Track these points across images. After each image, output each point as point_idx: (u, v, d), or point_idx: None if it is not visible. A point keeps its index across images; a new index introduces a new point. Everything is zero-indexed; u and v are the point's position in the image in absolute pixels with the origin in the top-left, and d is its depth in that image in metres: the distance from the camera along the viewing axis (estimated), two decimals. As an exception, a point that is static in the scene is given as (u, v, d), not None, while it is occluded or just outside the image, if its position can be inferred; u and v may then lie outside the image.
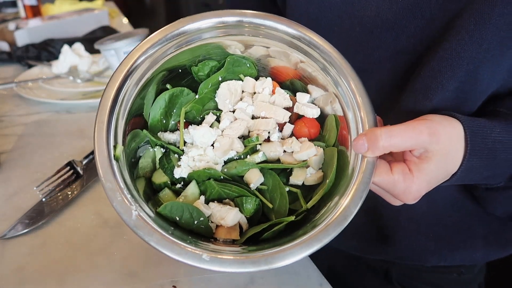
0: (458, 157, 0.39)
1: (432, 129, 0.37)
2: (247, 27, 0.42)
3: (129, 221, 0.36)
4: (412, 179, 0.38)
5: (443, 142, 0.38)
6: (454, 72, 0.43)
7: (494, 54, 0.41)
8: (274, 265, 0.34)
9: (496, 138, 0.40)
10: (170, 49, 0.42)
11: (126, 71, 0.42)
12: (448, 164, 0.39)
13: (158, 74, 0.44)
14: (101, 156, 0.37)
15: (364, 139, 0.37)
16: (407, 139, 0.37)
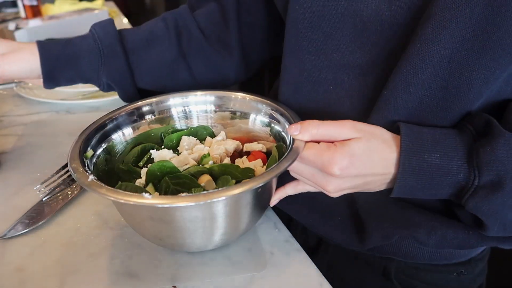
0: (381, 152, 0.43)
1: (355, 124, 0.44)
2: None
3: (85, 182, 0.42)
4: (335, 149, 0.43)
5: (365, 134, 0.43)
6: (434, 69, 0.43)
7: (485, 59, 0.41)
8: (213, 198, 0.39)
9: (433, 162, 0.42)
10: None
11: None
12: (373, 153, 0.43)
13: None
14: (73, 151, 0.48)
15: (298, 125, 0.45)
16: (331, 128, 0.44)
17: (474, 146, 0.42)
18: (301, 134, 0.45)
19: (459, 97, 0.44)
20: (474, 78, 0.43)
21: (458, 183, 0.42)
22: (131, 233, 0.54)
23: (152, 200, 0.38)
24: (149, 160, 0.56)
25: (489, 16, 0.39)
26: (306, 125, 0.45)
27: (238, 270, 0.48)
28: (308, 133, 0.45)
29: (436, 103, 0.45)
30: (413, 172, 0.42)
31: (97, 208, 0.59)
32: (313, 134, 0.45)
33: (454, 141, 0.43)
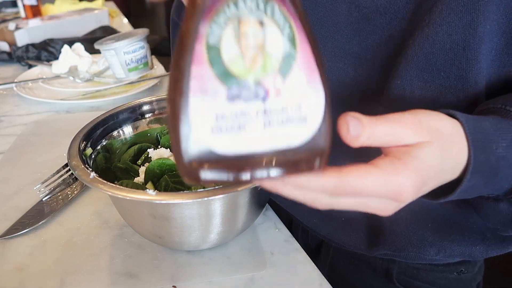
0: (456, 151, 0.34)
1: (420, 120, 0.32)
2: None
3: (87, 180, 0.42)
4: (405, 168, 0.30)
5: (433, 132, 0.32)
6: (448, 54, 0.42)
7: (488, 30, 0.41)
8: (216, 195, 0.39)
9: (500, 154, 0.35)
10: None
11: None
12: (445, 160, 0.33)
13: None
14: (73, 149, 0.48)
15: (356, 122, 0.30)
16: (390, 130, 0.31)
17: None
18: (357, 138, 0.30)
19: (477, 86, 0.43)
20: (491, 67, 0.41)
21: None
22: (131, 233, 0.54)
23: (157, 197, 0.39)
24: (147, 159, 0.56)
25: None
26: (360, 125, 0.30)
27: (238, 270, 0.48)
28: (362, 136, 0.30)
29: (453, 93, 0.44)
30: (480, 171, 0.34)
31: (97, 208, 0.59)
32: (366, 139, 0.30)
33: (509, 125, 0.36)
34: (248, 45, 0.24)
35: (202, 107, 0.24)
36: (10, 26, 1.32)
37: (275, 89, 0.25)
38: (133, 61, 0.93)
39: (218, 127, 0.25)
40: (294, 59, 0.25)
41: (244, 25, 0.24)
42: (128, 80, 0.97)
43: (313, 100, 0.26)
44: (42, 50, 1.20)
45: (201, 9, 0.24)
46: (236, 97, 0.25)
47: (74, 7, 1.70)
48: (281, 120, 0.26)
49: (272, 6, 0.24)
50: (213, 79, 0.24)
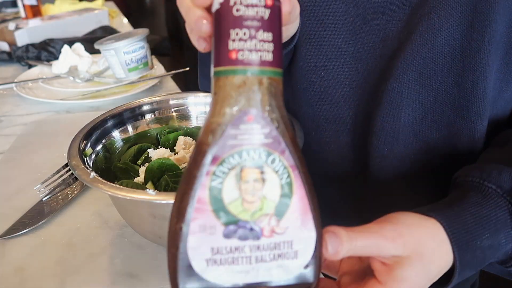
0: (438, 260, 0.34)
1: (400, 233, 0.32)
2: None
3: (87, 179, 0.42)
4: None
5: (411, 244, 0.33)
6: (446, 60, 0.42)
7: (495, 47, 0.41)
8: None
9: (485, 245, 0.35)
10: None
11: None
12: (428, 272, 0.33)
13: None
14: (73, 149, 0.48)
15: (333, 240, 0.31)
16: (369, 241, 0.32)
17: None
18: (337, 253, 0.31)
19: (476, 95, 0.43)
20: (489, 74, 0.42)
21: (506, 253, 0.37)
22: (131, 233, 0.54)
23: (157, 197, 0.39)
24: (147, 159, 0.56)
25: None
26: (339, 241, 0.31)
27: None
28: (341, 252, 0.31)
29: (453, 100, 0.44)
30: (468, 265, 0.35)
31: (97, 208, 0.59)
32: (346, 253, 0.31)
33: (493, 211, 0.36)
34: (248, 190, 0.27)
35: (200, 241, 0.27)
36: (10, 26, 1.32)
37: (269, 229, 0.27)
38: (133, 61, 0.93)
39: (213, 260, 0.27)
40: (290, 204, 0.28)
41: (246, 173, 0.27)
42: (128, 80, 0.97)
43: (305, 238, 0.28)
44: (42, 50, 1.20)
45: (207, 156, 0.26)
46: (232, 234, 0.27)
47: (74, 7, 1.70)
48: (273, 256, 0.28)
49: (273, 157, 0.27)
50: (212, 217, 0.27)
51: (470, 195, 0.38)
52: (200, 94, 0.61)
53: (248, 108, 0.26)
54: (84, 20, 1.45)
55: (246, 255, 0.27)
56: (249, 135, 0.26)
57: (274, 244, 0.28)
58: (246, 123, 0.26)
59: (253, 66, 0.26)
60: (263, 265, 0.28)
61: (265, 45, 0.26)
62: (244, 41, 0.26)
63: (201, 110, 0.62)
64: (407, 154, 0.49)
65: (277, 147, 0.27)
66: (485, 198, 0.37)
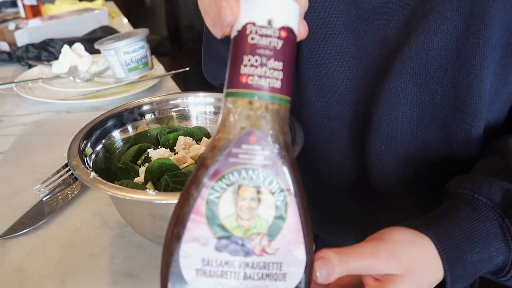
0: (430, 277, 0.35)
1: (390, 252, 0.33)
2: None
3: (87, 179, 0.42)
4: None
5: (405, 264, 0.33)
6: (442, 61, 0.43)
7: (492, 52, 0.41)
8: None
9: (476, 260, 0.36)
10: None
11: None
12: (418, 284, 0.34)
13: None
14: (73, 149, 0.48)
15: (323, 269, 0.31)
16: (361, 262, 0.32)
17: (506, 222, 0.37)
18: (328, 278, 0.32)
19: (471, 97, 0.43)
20: (484, 77, 0.42)
21: (496, 264, 0.37)
22: (131, 233, 0.54)
23: (157, 197, 0.39)
24: (147, 159, 0.56)
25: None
26: (330, 267, 0.32)
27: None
28: (332, 276, 0.31)
29: (448, 101, 0.45)
30: (459, 279, 0.36)
31: (97, 208, 0.59)
32: (337, 276, 0.32)
33: (483, 224, 0.37)
34: (243, 207, 0.28)
35: (192, 251, 0.28)
36: (10, 26, 1.32)
37: (260, 248, 0.28)
38: (133, 61, 0.93)
39: (202, 270, 0.28)
40: (283, 226, 0.28)
41: (243, 190, 0.28)
42: (128, 80, 0.97)
43: (295, 262, 0.29)
44: (42, 50, 1.20)
45: (209, 170, 0.28)
46: (223, 248, 0.28)
47: (74, 7, 1.70)
48: (261, 275, 0.29)
49: (271, 179, 0.28)
50: (206, 229, 0.28)
51: (461, 208, 0.38)
52: (200, 94, 0.61)
53: (252, 130, 0.28)
54: (84, 20, 1.45)
55: (235, 270, 0.28)
56: (250, 155, 0.28)
57: (264, 263, 0.29)
58: (249, 143, 0.28)
59: (261, 91, 0.28)
60: (250, 283, 0.29)
61: (274, 73, 0.28)
62: (255, 68, 0.27)
63: (201, 110, 0.62)
64: (403, 153, 0.50)
65: (276, 170, 0.28)
66: (476, 211, 0.38)
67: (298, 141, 0.47)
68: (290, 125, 0.52)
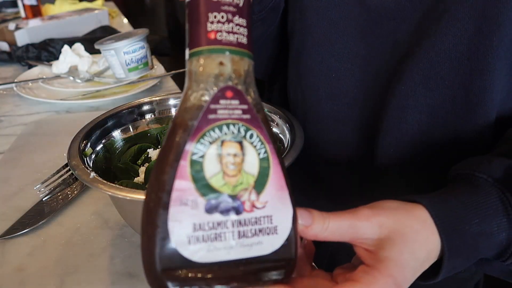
0: (424, 241, 0.33)
1: (371, 211, 0.32)
2: None
3: (87, 179, 0.42)
4: (381, 273, 0.31)
5: (388, 224, 0.32)
6: (453, 64, 0.42)
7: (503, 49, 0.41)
8: None
9: (475, 231, 0.34)
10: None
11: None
12: (411, 246, 0.32)
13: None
14: (73, 149, 0.48)
15: (307, 216, 0.31)
16: (343, 222, 0.31)
17: (508, 197, 0.35)
18: (310, 228, 0.31)
19: (483, 97, 0.43)
20: (497, 77, 0.42)
21: (500, 243, 0.35)
22: (131, 233, 0.54)
23: None
24: (147, 159, 0.56)
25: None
26: (312, 216, 0.31)
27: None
28: (314, 227, 0.31)
29: (459, 104, 0.44)
30: (458, 252, 0.34)
31: (97, 208, 0.59)
32: (319, 231, 0.31)
33: (483, 197, 0.35)
34: (229, 163, 0.27)
35: (181, 218, 0.26)
36: (10, 26, 1.32)
37: (250, 204, 0.28)
38: (133, 61, 0.93)
39: (195, 237, 0.27)
40: (268, 178, 0.28)
41: (226, 146, 0.27)
42: (128, 80, 0.97)
43: (283, 213, 0.29)
44: (42, 50, 1.20)
45: (189, 130, 0.27)
46: (214, 209, 0.27)
47: (74, 7, 1.70)
48: (255, 231, 0.28)
49: (251, 132, 0.28)
50: (194, 192, 0.27)
51: (459, 185, 0.37)
52: None
53: (228, 85, 0.28)
54: (84, 20, 1.45)
55: (228, 231, 0.27)
56: (229, 110, 0.28)
57: (255, 219, 0.28)
58: (226, 98, 0.28)
59: (231, 47, 0.28)
60: (245, 241, 0.28)
61: (241, 29, 0.28)
62: (222, 24, 0.27)
63: None
64: (412, 156, 0.49)
65: (255, 123, 0.28)
66: (476, 187, 0.36)
67: (297, 141, 0.47)
68: (290, 125, 0.52)
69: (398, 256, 0.31)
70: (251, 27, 0.29)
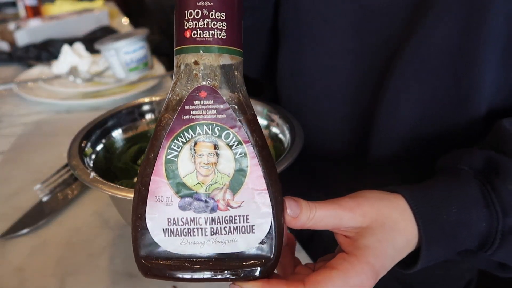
0: (403, 229, 0.33)
1: (355, 202, 0.33)
2: None
3: (87, 179, 0.42)
4: (359, 259, 0.31)
5: (371, 214, 0.33)
6: (443, 57, 0.42)
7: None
8: None
9: (453, 219, 0.34)
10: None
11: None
12: (390, 234, 0.33)
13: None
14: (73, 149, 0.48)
15: (295, 206, 0.31)
16: (327, 212, 0.32)
17: (488, 188, 0.35)
18: (298, 219, 0.31)
19: (475, 90, 0.43)
20: (488, 69, 0.42)
21: (480, 233, 0.35)
22: (131, 233, 0.54)
23: None
24: None
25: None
26: (297, 206, 0.32)
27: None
28: (301, 217, 0.31)
29: (451, 97, 0.44)
30: (435, 240, 0.34)
31: (97, 208, 0.59)
32: (306, 221, 0.32)
33: (462, 187, 0.36)
34: (202, 163, 0.28)
35: (156, 212, 0.29)
36: (10, 26, 1.32)
37: (224, 202, 0.29)
38: (133, 61, 0.93)
39: (169, 230, 0.29)
40: (244, 177, 0.28)
41: (199, 146, 0.28)
42: (128, 80, 0.97)
43: (261, 213, 0.29)
44: (42, 50, 1.20)
45: (164, 130, 0.28)
46: (187, 206, 0.29)
47: (74, 7, 1.70)
48: (229, 229, 0.29)
49: (227, 132, 0.28)
50: (168, 189, 0.28)
51: (441, 177, 0.37)
52: None
53: (201, 85, 0.28)
54: (84, 20, 1.45)
55: (201, 227, 0.29)
56: (202, 111, 0.28)
57: (230, 217, 0.29)
58: (199, 99, 0.28)
59: (205, 45, 0.27)
60: (219, 238, 0.29)
61: (217, 24, 0.27)
62: (197, 21, 0.27)
63: None
64: (405, 151, 0.49)
65: (231, 123, 0.28)
66: (457, 178, 0.37)
67: (297, 141, 0.47)
68: (290, 125, 0.52)
69: (377, 245, 0.32)
70: (235, 20, 0.28)
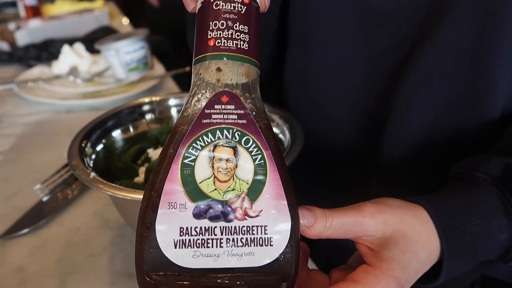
0: (425, 241, 0.32)
1: (376, 208, 0.32)
2: None
3: (87, 179, 0.42)
4: (383, 272, 0.30)
5: (393, 222, 0.32)
6: (456, 61, 0.42)
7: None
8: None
9: (475, 232, 0.33)
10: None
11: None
12: (413, 246, 0.32)
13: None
14: (73, 149, 0.48)
15: (310, 216, 0.30)
16: (347, 219, 0.31)
17: (507, 196, 0.35)
18: (313, 229, 0.30)
19: (489, 94, 0.42)
20: (502, 75, 0.41)
21: (501, 244, 0.34)
22: (131, 233, 0.54)
23: None
24: (147, 159, 0.56)
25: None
26: (311, 215, 0.30)
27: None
28: (316, 226, 0.30)
29: (463, 102, 0.44)
30: (458, 253, 0.33)
31: (97, 208, 0.59)
32: (323, 230, 0.30)
33: (482, 197, 0.35)
34: (220, 168, 0.27)
35: (169, 220, 0.26)
36: (10, 26, 1.32)
37: (242, 211, 0.27)
38: (133, 61, 0.93)
39: (181, 241, 0.26)
40: (264, 186, 0.27)
41: (218, 151, 0.27)
42: (128, 80, 0.97)
43: (279, 225, 0.27)
44: (43, 50, 1.20)
45: (182, 135, 0.27)
46: (203, 214, 0.26)
47: (75, 8, 1.70)
48: (245, 240, 0.27)
49: (247, 138, 0.27)
50: (183, 195, 0.26)
51: (458, 185, 0.37)
52: None
53: (223, 90, 0.28)
54: (85, 20, 1.45)
55: (217, 237, 0.26)
56: (223, 115, 0.27)
57: (247, 227, 0.27)
58: (221, 103, 0.28)
59: (229, 53, 0.28)
60: (234, 250, 0.27)
61: (241, 35, 0.28)
62: (221, 31, 0.28)
63: None
64: (416, 156, 0.49)
65: (252, 128, 0.27)
66: (475, 187, 0.36)
67: (297, 141, 0.47)
68: (290, 125, 0.52)
69: (401, 256, 0.31)
70: (256, 35, 0.29)
